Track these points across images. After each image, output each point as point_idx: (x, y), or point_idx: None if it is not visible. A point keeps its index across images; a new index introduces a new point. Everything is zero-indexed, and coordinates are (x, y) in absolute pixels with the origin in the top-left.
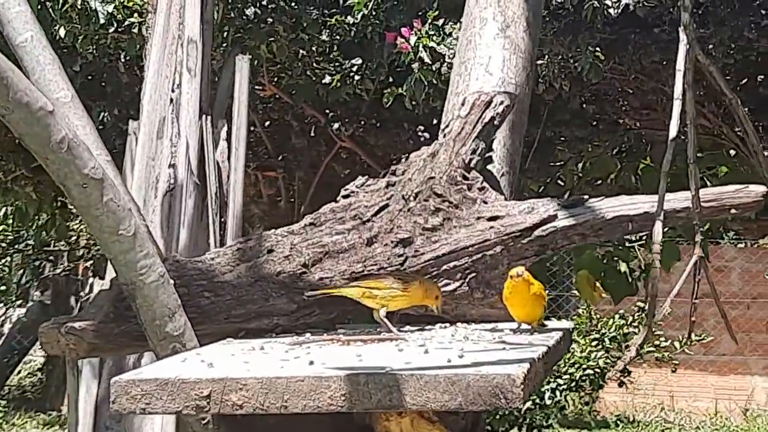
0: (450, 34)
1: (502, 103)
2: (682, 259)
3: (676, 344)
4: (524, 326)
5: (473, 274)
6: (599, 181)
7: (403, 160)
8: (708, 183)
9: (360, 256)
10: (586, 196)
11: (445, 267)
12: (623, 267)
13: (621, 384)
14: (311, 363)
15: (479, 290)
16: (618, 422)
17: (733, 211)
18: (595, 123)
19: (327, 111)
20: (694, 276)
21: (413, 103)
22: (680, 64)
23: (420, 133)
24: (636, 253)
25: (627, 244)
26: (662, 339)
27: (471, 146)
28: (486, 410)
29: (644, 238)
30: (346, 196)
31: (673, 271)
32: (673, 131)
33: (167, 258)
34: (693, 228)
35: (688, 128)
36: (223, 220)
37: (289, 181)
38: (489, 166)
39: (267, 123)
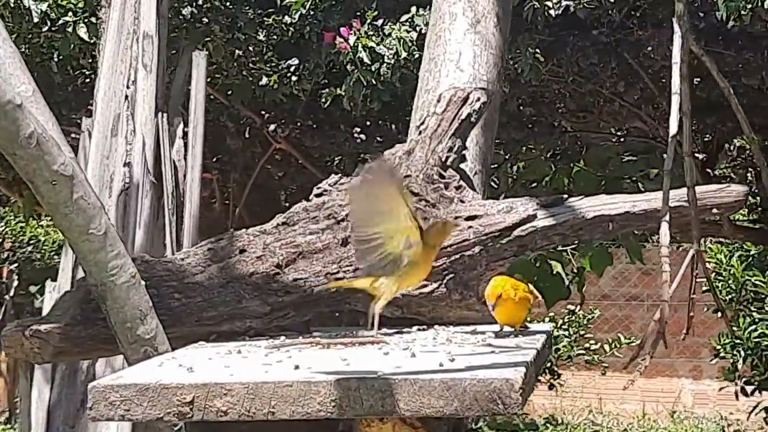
0: (389, 35)
1: (478, 99)
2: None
3: (606, 347)
4: (507, 329)
5: (451, 275)
6: (534, 184)
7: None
8: (641, 186)
9: (335, 256)
10: (565, 195)
11: None
12: (558, 267)
13: (551, 386)
14: (297, 367)
15: (457, 292)
16: (547, 424)
17: (714, 210)
18: (531, 125)
19: (263, 112)
20: (692, 271)
21: (351, 104)
22: (676, 56)
23: (356, 135)
24: (569, 257)
25: (560, 248)
26: (592, 342)
27: (447, 144)
28: (481, 415)
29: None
30: (318, 195)
31: (603, 274)
32: (673, 127)
33: (136, 258)
34: (682, 223)
35: (683, 121)
36: (179, 220)
37: (223, 183)
38: (462, 165)
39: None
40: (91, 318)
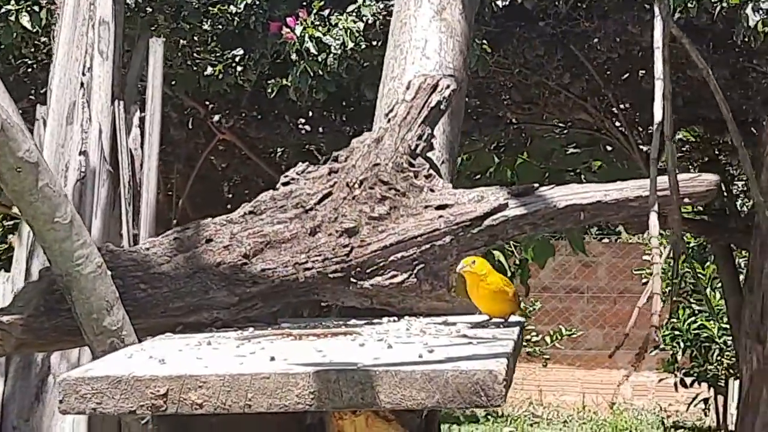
0: (336, 25)
1: (448, 87)
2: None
3: (547, 339)
4: (483, 318)
5: (421, 265)
6: (478, 176)
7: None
8: (583, 178)
9: (303, 246)
10: (536, 185)
11: (392, 258)
12: (501, 258)
13: None
14: (272, 359)
15: (427, 282)
16: (488, 417)
17: (686, 200)
18: (476, 117)
19: (207, 102)
20: (674, 257)
21: (298, 95)
22: (657, 41)
23: (301, 126)
24: (511, 249)
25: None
26: (533, 334)
27: (417, 132)
28: (464, 408)
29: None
30: (286, 183)
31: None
32: (657, 113)
33: (101, 247)
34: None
35: (664, 105)
36: (136, 209)
37: (166, 174)
38: (429, 154)
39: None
40: (54, 309)
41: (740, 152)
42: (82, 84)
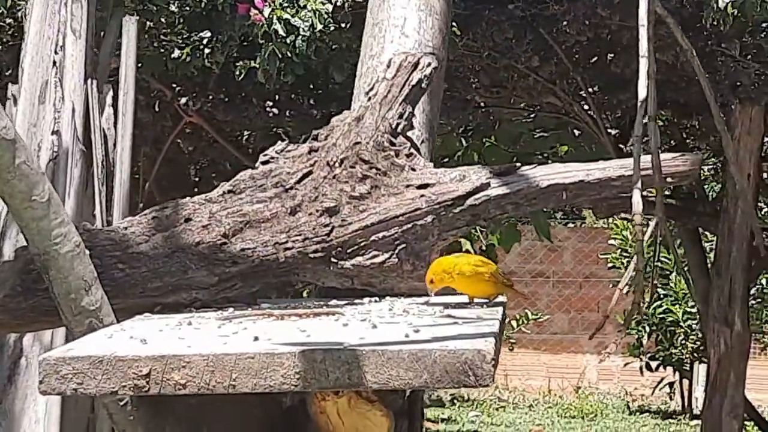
0: (304, 7)
1: (429, 65)
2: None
3: (513, 323)
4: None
5: (403, 245)
6: (446, 159)
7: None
8: (550, 162)
9: (283, 225)
10: (519, 164)
11: (373, 237)
12: (467, 245)
13: None
14: (256, 338)
15: (409, 262)
16: (454, 401)
17: (669, 180)
18: (444, 100)
19: (174, 85)
20: (655, 239)
21: (266, 77)
22: (642, 18)
23: (268, 109)
24: (477, 234)
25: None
26: None
27: (398, 110)
28: (452, 388)
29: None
30: (265, 162)
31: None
32: (642, 91)
33: (78, 226)
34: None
35: (649, 84)
36: (109, 189)
37: (133, 157)
38: (409, 133)
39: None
40: (31, 289)
41: (723, 137)
42: (54, 63)
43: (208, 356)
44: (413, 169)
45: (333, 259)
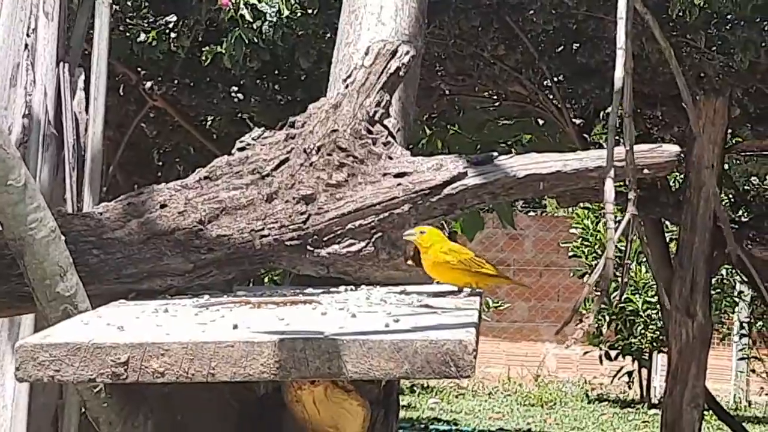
0: None
1: (407, 53)
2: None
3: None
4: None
5: (379, 234)
6: (410, 146)
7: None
8: (513, 151)
9: (259, 212)
10: (495, 153)
11: (350, 226)
12: None
13: None
14: (235, 327)
15: (385, 251)
16: (413, 389)
17: (645, 171)
18: None
19: (139, 69)
20: (627, 235)
21: (232, 62)
22: (621, 11)
23: (234, 94)
24: (441, 222)
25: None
26: None
27: (375, 98)
28: (433, 378)
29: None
30: (241, 149)
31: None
32: (618, 83)
33: (53, 212)
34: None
35: (625, 78)
36: (80, 174)
37: None
38: (386, 121)
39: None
40: (5, 274)
41: (694, 130)
42: (26, 45)
43: (187, 344)
44: (390, 158)
45: (309, 247)
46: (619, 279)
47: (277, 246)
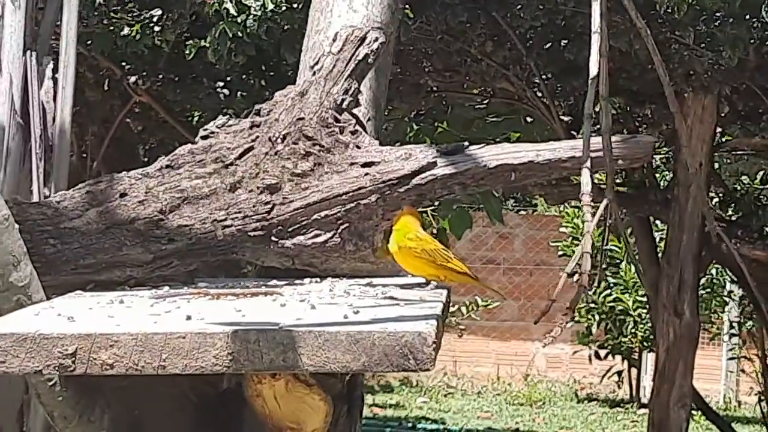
0: None
1: (376, 39)
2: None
3: (463, 309)
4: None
5: (346, 225)
6: (398, 143)
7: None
8: None
9: (222, 202)
10: (466, 143)
11: (315, 216)
12: None
13: None
14: (188, 318)
15: (351, 242)
16: (402, 387)
17: (620, 162)
18: (397, 84)
19: (123, 63)
20: (604, 221)
21: (216, 57)
22: None
23: (219, 90)
24: (429, 218)
25: (420, 209)
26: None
27: (343, 86)
28: (391, 372)
29: (438, 202)
30: (205, 137)
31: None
32: (593, 68)
33: (7, 200)
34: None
35: (601, 62)
36: (47, 165)
37: (81, 136)
38: (355, 110)
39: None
40: None
41: (676, 118)
42: None
43: (137, 335)
44: (358, 147)
45: (273, 238)
46: (611, 276)
47: (240, 236)
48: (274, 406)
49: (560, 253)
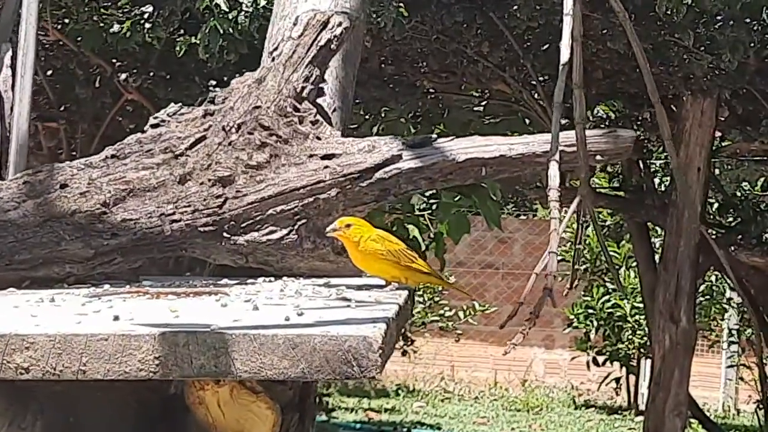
0: None
1: (340, 24)
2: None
3: (460, 314)
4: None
5: (303, 221)
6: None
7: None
8: None
9: (171, 195)
10: (434, 135)
11: (271, 211)
12: (415, 232)
13: (404, 353)
14: (116, 318)
15: (309, 240)
16: (398, 392)
17: (598, 158)
18: (392, 85)
19: (114, 60)
20: (577, 218)
21: (207, 54)
22: None
23: (212, 89)
24: (426, 223)
25: (416, 213)
26: (446, 308)
27: (304, 73)
28: (334, 380)
29: (434, 205)
30: (155, 126)
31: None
32: (564, 53)
33: None
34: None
35: (574, 46)
36: (4, 156)
37: (71, 134)
38: (320, 100)
39: (49, 72)
40: None
41: (656, 108)
42: None
43: (55, 337)
44: (318, 138)
45: (225, 234)
46: (609, 282)
47: (189, 232)
48: (218, 414)
49: (559, 258)
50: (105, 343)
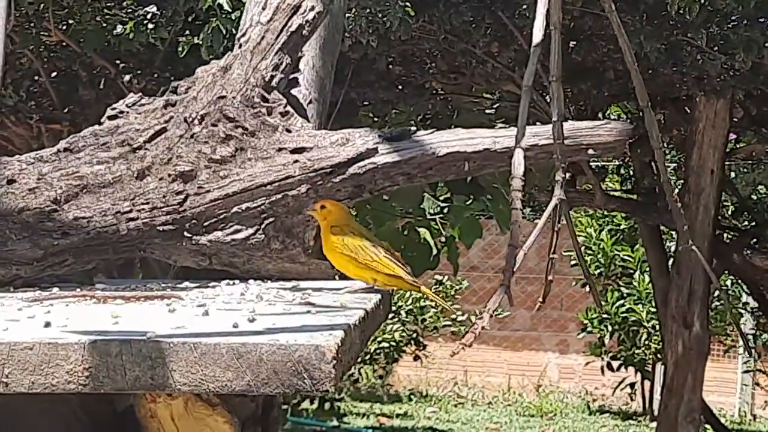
0: None
1: (312, 8)
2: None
3: (473, 318)
4: (360, 285)
5: (271, 219)
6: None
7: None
8: None
9: (128, 191)
10: (414, 128)
11: (236, 209)
12: (427, 236)
13: (416, 358)
14: (47, 325)
15: (278, 239)
16: (411, 396)
17: (591, 151)
18: (401, 86)
19: (118, 61)
20: (552, 224)
21: (210, 55)
22: None
23: None
24: (438, 226)
25: (428, 216)
26: (459, 313)
27: (273, 60)
28: (282, 392)
29: (446, 209)
30: (112, 117)
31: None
32: (537, 35)
33: None
34: (550, 166)
35: (554, 34)
36: None
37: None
38: (294, 91)
39: (53, 73)
40: None
41: (645, 113)
42: None
43: None
44: (288, 131)
45: (186, 234)
46: (624, 286)
47: (147, 231)
48: (172, 429)
49: (573, 262)
50: (29, 353)
